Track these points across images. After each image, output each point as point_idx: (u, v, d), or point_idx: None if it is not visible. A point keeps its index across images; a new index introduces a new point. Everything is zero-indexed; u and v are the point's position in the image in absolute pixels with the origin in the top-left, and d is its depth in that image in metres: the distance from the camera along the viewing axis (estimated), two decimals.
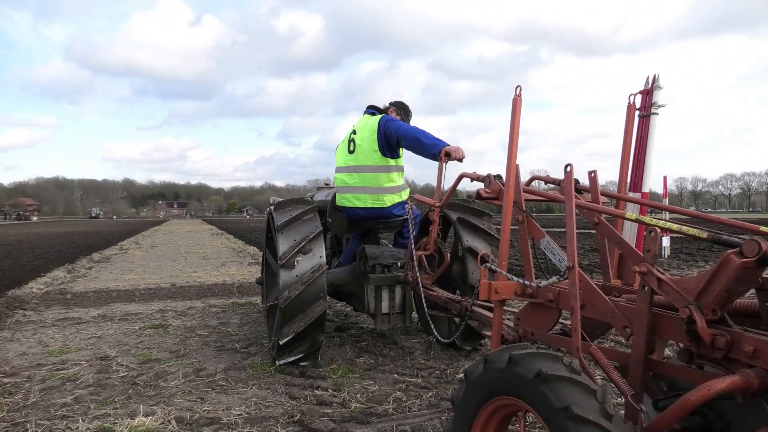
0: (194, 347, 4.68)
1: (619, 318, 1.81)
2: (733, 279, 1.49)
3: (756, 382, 1.41)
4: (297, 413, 3.12)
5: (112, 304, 7.01)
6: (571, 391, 1.48)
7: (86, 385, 3.66)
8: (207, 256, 14.39)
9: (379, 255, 4.18)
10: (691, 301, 1.58)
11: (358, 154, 4.29)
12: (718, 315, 1.54)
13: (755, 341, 1.42)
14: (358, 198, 4.31)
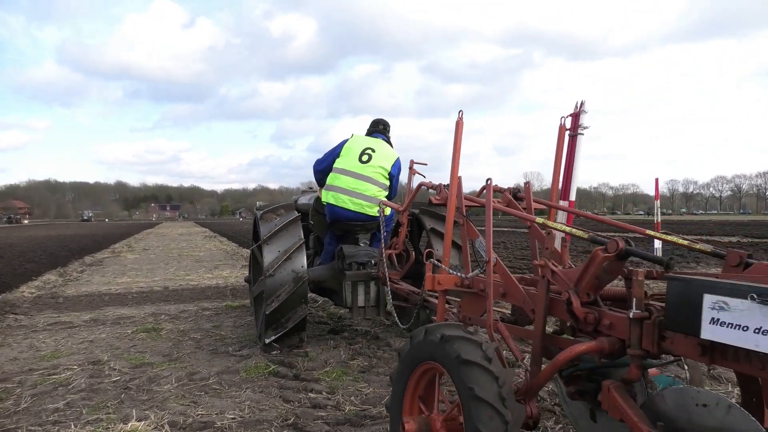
0: (187, 351, 4.66)
1: (528, 303, 2.24)
2: (600, 270, 1.92)
3: (607, 347, 1.85)
4: (291, 416, 3.11)
5: (104, 307, 6.97)
6: (463, 345, 1.94)
7: (78, 390, 3.63)
8: (200, 258, 14.33)
9: (356, 254, 4.54)
10: (571, 287, 1.99)
11: (370, 168, 4.73)
12: (592, 298, 1.98)
13: (611, 317, 1.89)
14: (353, 201, 4.64)
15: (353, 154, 4.77)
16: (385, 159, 4.80)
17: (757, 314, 1.36)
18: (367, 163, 4.72)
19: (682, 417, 1.51)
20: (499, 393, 1.83)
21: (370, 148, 4.80)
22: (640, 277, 1.75)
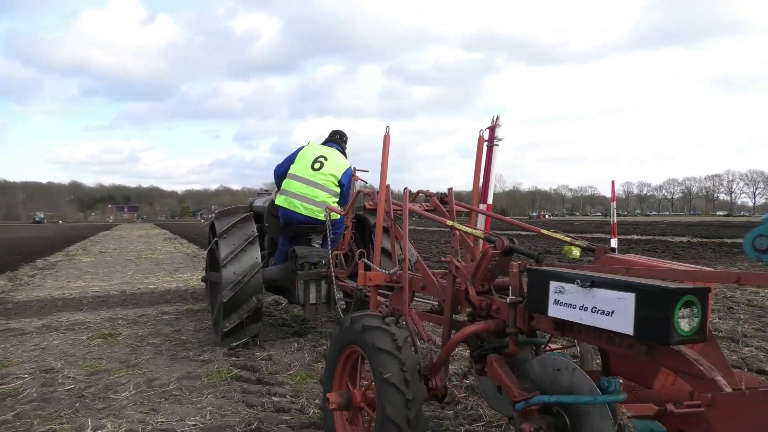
0: (146, 356, 4.54)
1: (440, 294, 2.59)
2: (491, 264, 2.33)
3: (493, 327, 2.22)
4: (254, 421, 3.07)
5: (57, 313, 6.71)
6: (378, 334, 2.28)
7: (29, 400, 3.48)
8: (159, 261, 13.98)
9: (308, 254, 4.81)
10: (469, 279, 2.37)
11: (321, 175, 4.97)
12: (486, 288, 2.37)
13: (497, 302, 2.24)
14: (305, 206, 4.89)
15: (306, 162, 5.02)
16: (336, 167, 5.06)
17: (581, 295, 1.79)
18: (318, 171, 4.98)
19: (545, 379, 1.87)
20: (404, 377, 2.18)
21: (323, 156, 5.06)
22: (515, 269, 2.11)
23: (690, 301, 1.59)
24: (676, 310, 1.55)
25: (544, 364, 1.91)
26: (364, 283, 3.01)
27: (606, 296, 1.71)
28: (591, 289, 1.76)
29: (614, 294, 1.69)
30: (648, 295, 1.60)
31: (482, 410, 3.21)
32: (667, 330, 1.55)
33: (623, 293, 1.66)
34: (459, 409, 3.25)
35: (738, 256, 13.09)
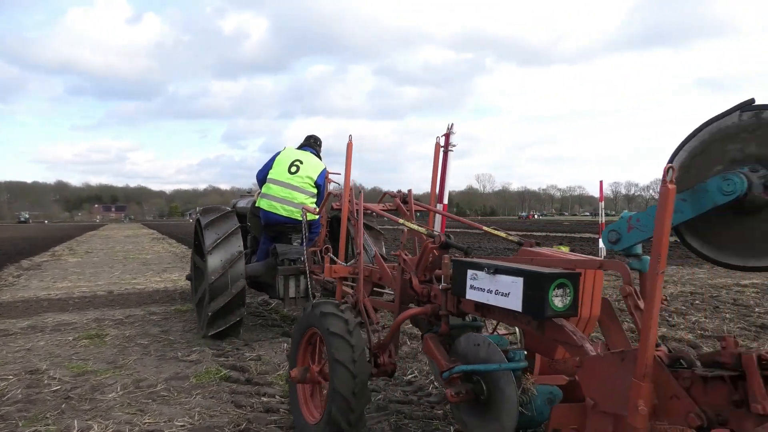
0: (133, 357, 4.49)
1: (392, 284, 2.97)
2: (431, 257, 2.71)
3: (430, 310, 2.60)
4: (243, 422, 3.06)
5: (42, 314, 6.62)
6: (333, 320, 2.58)
7: (14, 402, 3.44)
8: (147, 261, 13.86)
9: (287, 251, 5.19)
10: (413, 270, 2.77)
11: (298, 178, 5.30)
12: (428, 277, 2.74)
13: (435, 289, 2.59)
14: (284, 208, 5.21)
15: (283, 166, 5.35)
16: (311, 170, 5.40)
17: (488, 280, 2.16)
18: (295, 174, 5.31)
19: (468, 353, 2.21)
20: (352, 357, 2.49)
21: (299, 160, 5.39)
22: (446, 260, 2.46)
23: (563, 283, 1.96)
24: (550, 290, 1.93)
25: (468, 340, 2.27)
26: (330, 275, 3.42)
27: (505, 281, 2.09)
28: (495, 276, 2.13)
29: (510, 279, 2.06)
30: (531, 278, 1.97)
31: None
32: (543, 306, 1.92)
33: (515, 278, 2.04)
34: (448, 409, 3.25)
35: None
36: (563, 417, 1.86)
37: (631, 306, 1.92)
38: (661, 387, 1.59)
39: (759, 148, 1.77)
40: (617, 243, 2.02)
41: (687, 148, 1.94)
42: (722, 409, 1.48)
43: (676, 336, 4.91)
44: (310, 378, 2.77)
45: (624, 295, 1.87)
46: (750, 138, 1.79)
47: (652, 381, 1.60)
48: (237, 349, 4.70)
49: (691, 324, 5.43)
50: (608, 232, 2.05)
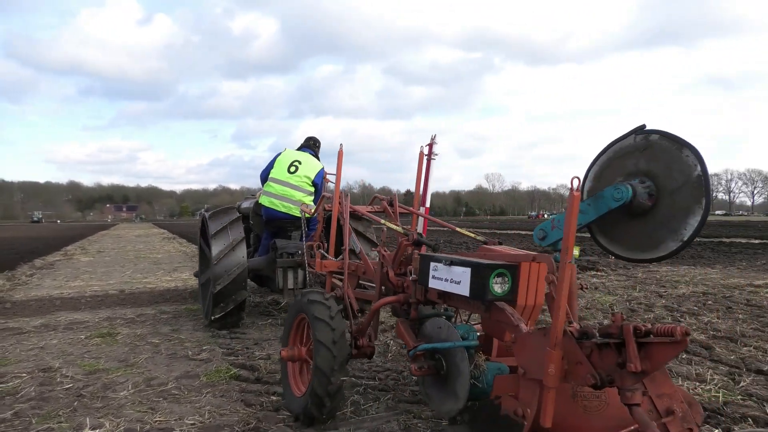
0: (145, 356, 4.53)
1: (374, 277, 3.34)
2: (404, 252, 3.09)
3: (402, 299, 2.96)
4: (253, 420, 3.07)
5: (55, 312, 6.69)
6: (318, 307, 2.94)
7: (27, 399, 3.48)
8: (158, 261, 13.95)
9: (286, 245, 5.55)
10: (390, 263, 3.16)
11: (296, 177, 5.71)
12: (403, 270, 3.10)
13: (407, 281, 2.96)
14: (283, 204, 5.63)
15: (283, 166, 5.76)
16: (309, 170, 5.80)
17: (445, 271, 2.53)
18: (294, 174, 5.72)
19: (432, 334, 2.59)
20: (332, 339, 2.83)
21: (297, 160, 5.79)
22: (416, 255, 2.85)
23: (502, 272, 2.33)
24: (491, 278, 2.30)
25: (432, 324, 2.66)
26: (321, 269, 3.80)
27: (457, 271, 2.47)
28: (450, 267, 2.51)
29: (461, 269, 2.44)
30: (476, 268, 2.34)
31: None
32: (485, 291, 2.30)
33: (465, 268, 2.41)
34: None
35: (737, 255, 13.11)
36: (503, 386, 2.22)
37: (552, 291, 2.31)
38: (570, 355, 1.94)
39: (647, 164, 2.29)
40: (544, 240, 2.55)
41: (599, 162, 2.47)
42: (611, 371, 1.83)
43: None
44: (298, 357, 3.16)
45: (547, 282, 2.30)
46: (640, 156, 2.31)
47: (563, 350, 1.94)
48: (247, 348, 4.73)
49: (703, 325, 5.38)
50: (537, 230, 2.54)
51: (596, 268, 10.38)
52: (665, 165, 2.26)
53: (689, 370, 3.87)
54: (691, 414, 1.98)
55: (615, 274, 9.63)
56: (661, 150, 2.28)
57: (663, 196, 2.27)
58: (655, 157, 2.29)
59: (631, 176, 2.35)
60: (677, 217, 2.24)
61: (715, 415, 3.11)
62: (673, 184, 2.24)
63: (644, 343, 1.77)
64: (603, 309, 6.29)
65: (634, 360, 1.75)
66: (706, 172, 2.16)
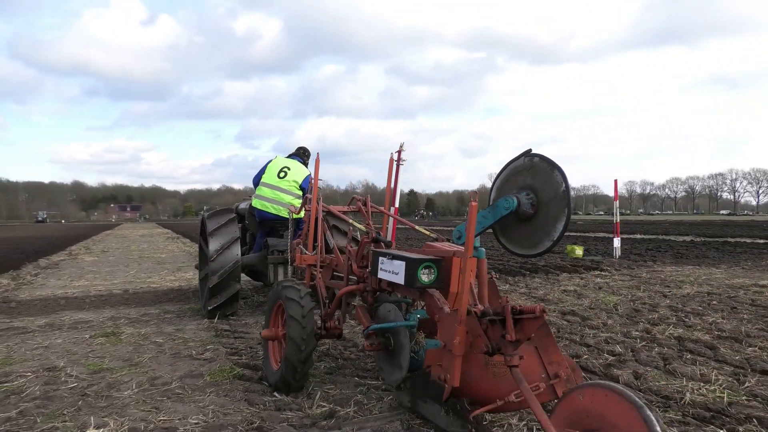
0: (148, 355, 4.54)
1: (343, 269, 3.82)
2: (365, 248, 3.63)
3: (362, 287, 3.53)
4: (256, 419, 3.08)
5: (60, 312, 6.72)
6: (290, 291, 3.49)
7: (32, 398, 3.49)
8: (162, 260, 13.99)
9: (277, 244, 6.25)
10: (354, 257, 3.70)
11: (285, 182, 6.31)
12: (364, 263, 3.62)
13: (366, 273, 3.48)
14: (273, 206, 6.23)
15: (273, 172, 6.37)
16: (297, 175, 6.41)
17: (389, 264, 3.11)
18: (283, 179, 6.32)
19: (384, 317, 3.18)
20: (302, 314, 3.36)
21: (287, 167, 6.39)
22: (370, 250, 3.47)
23: (429, 265, 2.90)
24: (419, 270, 2.88)
25: (384, 308, 3.23)
26: (300, 263, 4.25)
27: (396, 264, 3.04)
28: (392, 260, 3.08)
29: (399, 262, 3.01)
30: (408, 262, 2.92)
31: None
32: (414, 280, 2.88)
33: (401, 262, 2.98)
34: None
35: (741, 255, 13.04)
36: (432, 357, 2.77)
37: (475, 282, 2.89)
38: (472, 330, 2.51)
39: (531, 180, 2.86)
40: (460, 239, 2.96)
41: (500, 177, 3.05)
42: (499, 341, 2.41)
43: (692, 337, 4.84)
44: (276, 336, 3.70)
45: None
46: (527, 174, 2.89)
47: (467, 326, 2.52)
48: (250, 347, 4.73)
49: (707, 325, 5.36)
50: (455, 231, 3.00)
51: (600, 268, 10.37)
52: (543, 182, 2.81)
53: (693, 370, 3.85)
54: (574, 377, 2.56)
55: (619, 274, 9.60)
56: (540, 170, 2.83)
57: (541, 206, 2.81)
58: (536, 175, 2.85)
59: (521, 189, 2.90)
60: (550, 222, 2.77)
61: (719, 415, 3.10)
62: (548, 197, 2.78)
63: (518, 319, 2.35)
64: (607, 309, 6.28)
65: (511, 332, 2.35)
66: (568, 189, 2.70)
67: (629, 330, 5.16)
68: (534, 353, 2.58)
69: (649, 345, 4.62)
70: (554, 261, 11.75)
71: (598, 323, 5.49)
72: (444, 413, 2.67)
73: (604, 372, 3.87)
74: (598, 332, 5.10)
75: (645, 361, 4.13)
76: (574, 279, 9.01)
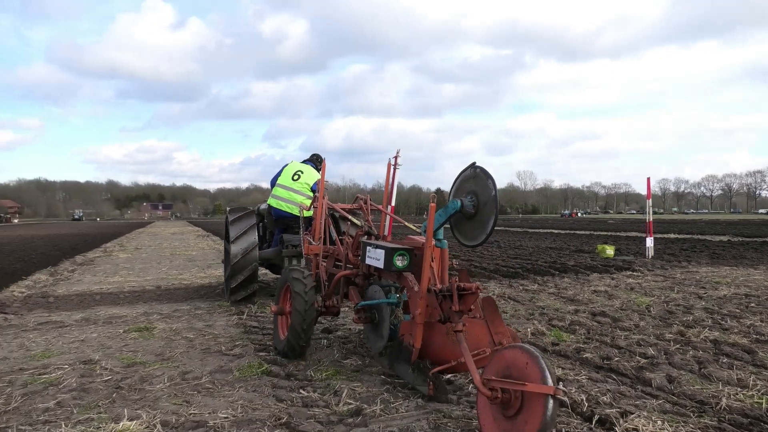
0: (180, 350, 4.64)
1: (342, 258, 4.47)
2: (359, 239, 4.33)
3: (355, 272, 4.23)
4: (284, 415, 3.11)
5: (95, 307, 6.92)
6: (295, 273, 4.16)
7: (69, 390, 3.61)
8: (193, 258, 14.27)
9: (291, 239, 7.06)
10: (351, 247, 4.35)
11: (298, 184, 7.12)
12: (358, 253, 4.19)
13: (358, 260, 4.17)
14: (287, 205, 7.02)
15: (288, 175, 7.18)
16: (309, 178, 7.19)
17: (373, 252, 3.78)
18: (296, 181, 7.13)
19: (372, 296, 3.95)
20: (304, 290, 4.05)
21: (300, 170, 7.22)
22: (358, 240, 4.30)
23: (402, 253, 3.57)
24: (395, 256, 3.55)
25: (371, 289, 4.01)
26: (308, 252, 4.79)
27: (378, 252, 3.72)
28: (375, 249, 3.77)
29: (380, 251, 3.69)
30: (387, 251, 3.60)
31: None
32: (390, 265, 3.56)
33: (381, 250, 3.68)
34: None
35: None
36: (404, 327, 3.49)
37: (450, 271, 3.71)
38: (430, 304, 3.27)
39: (474, 186, 3.56)
40: (424, 233, 3.49)
41: (455, 184, 3.77)
42: (448, 312, 3.13)
43: (729, 340, 4.68)
44: (283, 312, 4.41)
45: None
46: (472, 181, 3.60)
47: (426, 300, 3.28)
48: None
49: (745, 328, 5.18)
50: (422, 226, 3.65)
51: (632, 268, 10.14)
52: (481, 188, 3.50)
53: (730, 374, 3.73)
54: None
55: (652, 274, 9.37)
56: (480, 178, 3.54)
57: (480, 208, 3.51)
58: (477, 183, 3.55)
59: (467, 194, 3.60)
60: (485, 220, 3.47)
61: (758, 422, 2.99)
62: (483, 201, 3.48)
63: (462, 294, 3.07)
64: (639, 310, 6.13)
65: (456, 304, 3.08)
66: (496, 194, 3.42)
67: (662, 332, 5.03)
68: (484, 325, 3.22)
69: (683, 348, 4.49)
70: (584, 261, 11.54)
71: (630, 325, 5.37)
72: (411, 371, 3.39)
73: (636, 375, 3.78)
74: (630, 334, 4.99)
75: (679, 364, 4.02)
76: (604, 279, 8.83)
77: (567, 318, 5.68)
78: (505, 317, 5.82)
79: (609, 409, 3.11)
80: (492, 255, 13.35)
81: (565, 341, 4.73)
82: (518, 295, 7.29)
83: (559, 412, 2.95)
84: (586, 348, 4.46)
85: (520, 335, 4.88)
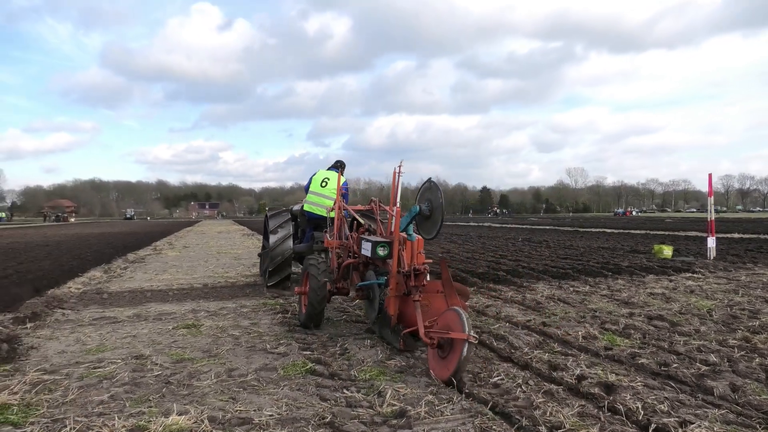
0: (226, 347, 4.71)
1: (351, 249, 5.65)
2: (359, 236, 5.60)
3: (358, 261, 5.43)
4: (328, 415, 3.09)
5: (146, 303, 7.15)
6: (312, 260, 5.47)
7: (122, 384, 3.72)
8: (238, 256, 14.58)
9: (320, 236, 7.95)
10: (356, 242, 5.56)
11: (327, 190, 8.25)
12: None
13: (359, 251, 5.37)
14: (318, 209, 8.16)
15: (317, 182, 8.37)
16: (335, 184, 7.70)
17: (365, 245, 5.07)
18: (325, 187, 8.28)
19: (368, 278, 5.02)
20: (318, 273, 5.18)
21: (327, 177, 8.37)
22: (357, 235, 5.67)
23: (383, 245, 4.69)
24: (378, 247, 4.70)
25: (368, 273, 4.99)
26: (328, 245, 6.03)
27: (369, 244, 4.86)
28: (366, 242, 5.04)
29: (368, 244, 4.89)
30: (372, 243, 4.77)
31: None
32: (375, 254, 4.72)
33: (369, 243, 4.88)
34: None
35: None
36: (387, 302, 4.50)
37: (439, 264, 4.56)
38: (399, 281, 4.40)
39: (430, 195, 4.85)
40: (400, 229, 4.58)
41: (420, 192, 4.97)
42: (409, 287, 4.32)
43: None
44: (304, 292, 5.47)
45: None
46: (428, 192, 4.90)
47: (396, 279, 4.40)
48: (322, 343, 4.79)
49: None
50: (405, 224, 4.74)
51: (692, 269, 9.66)
52: (434, 197, 4.78)
53: None
54: None
55: (714, 276, 8.91)
56: (433, 189, 4.82)
57: (433, 211, 4.78)
58: (431, 192, 4.84)
59: (425, 200, 4.87)
60: (436, 221, 4.72)
61: None
62: (435, 206, 4.73)
63: (417, 274, 4.28)
64: (700, 314, 5.83)
65: (412, 280, 4.28)
66: (442, 203, 4.62)
67: (725, 338, 4.76)
68: (442, 298, 4.24)
69: (748, 355, 4.23)
70: (639, 262, 11.05)
71: (690, 330, 5.10)
72: (390, 333, 4.61)
73: (696, 382, 3.58)
74: (690, 339, 4.74)
75: (744, 372, 3.78)
76: (662, 281, 8.46)
77: (621, 321, 5.45)
78: (554, 319, 5.65)
79: (667, 418, 2.96)
80: (541, 255, 13.02)
81: (619, 346, 4.54)
82: (568, 297, 7.07)
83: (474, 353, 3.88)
84: (642, 353, 4.26)
85: (570, 338, 4.76)
